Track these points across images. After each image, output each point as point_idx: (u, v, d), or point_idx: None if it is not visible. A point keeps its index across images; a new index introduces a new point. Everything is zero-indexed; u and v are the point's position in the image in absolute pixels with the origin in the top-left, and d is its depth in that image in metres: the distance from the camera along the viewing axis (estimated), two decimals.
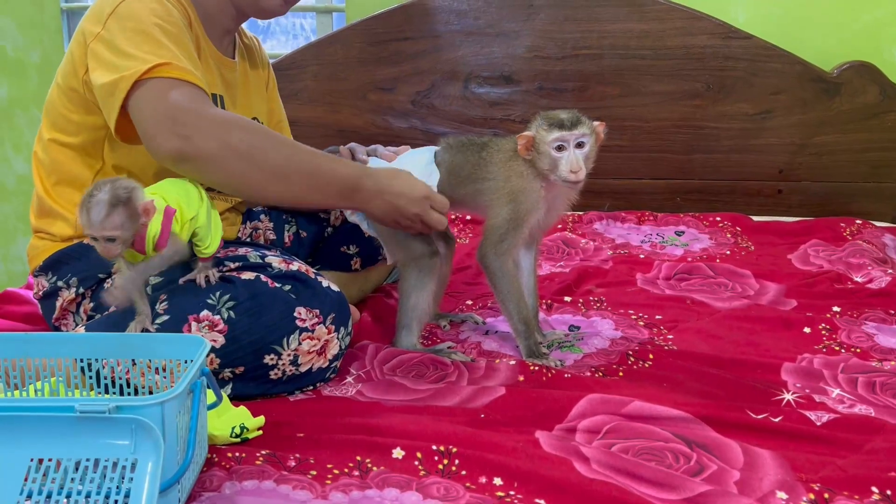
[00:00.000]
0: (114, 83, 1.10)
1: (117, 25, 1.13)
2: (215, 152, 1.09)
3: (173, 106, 1.07)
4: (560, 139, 1.17)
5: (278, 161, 1.13)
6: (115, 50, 1.12)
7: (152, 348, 0.94)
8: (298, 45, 2.22)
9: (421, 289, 1.26)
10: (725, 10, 2.11)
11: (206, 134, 1.08)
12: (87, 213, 0.98)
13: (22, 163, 2.37)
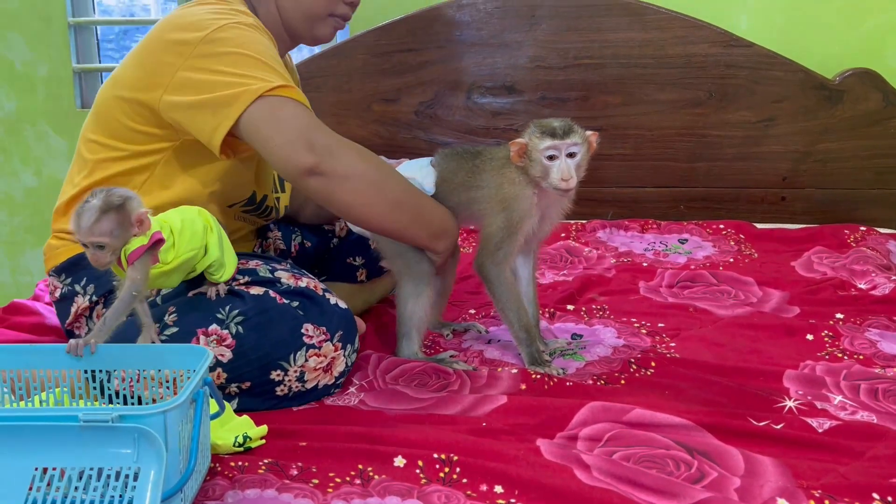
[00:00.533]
0: (233, 96, 1.11)
1: (219, 51, 1.15)
2: (350, 174, 1.14)
3: (310, 124, 1.13)
4: (552, 147, 1.18)
5: (397, 193, 1.20)
6: (219, 73, 1.14)
7: (157, 359, 0.95)
8: (304, 57, 2.23)
9: (417, 296, 1.27)
10: (727, 19, 2.11)
11: (343, 155, 1.14)
12: (78, 218, 0.95)
13: (30, 176, 2.39)
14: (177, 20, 1.22)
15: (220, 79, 1.14)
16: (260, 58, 1.15)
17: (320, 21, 1.32)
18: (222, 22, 1.17)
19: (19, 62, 2.32)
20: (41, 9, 2.28)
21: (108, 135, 1.25)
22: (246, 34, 1.18)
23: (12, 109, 2.35)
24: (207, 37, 1.15)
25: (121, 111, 1.23)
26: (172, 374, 0.95)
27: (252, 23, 1.23)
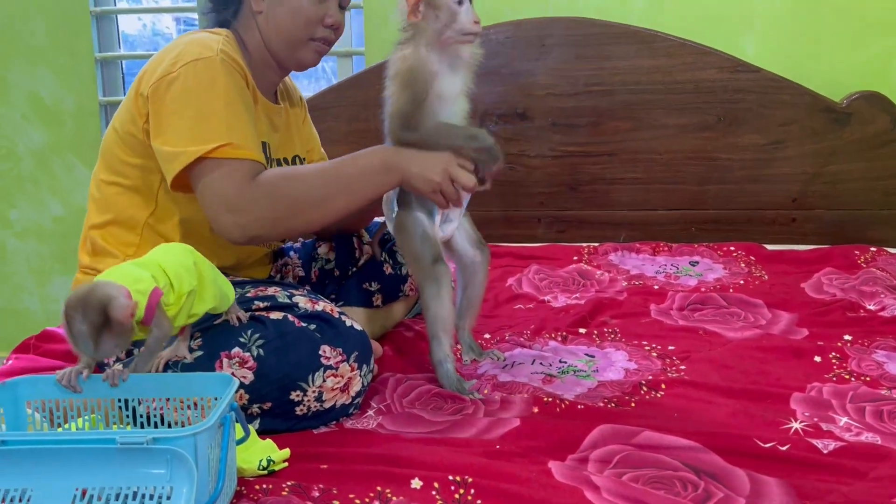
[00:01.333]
0: (174, 154, 1.21)
1: (180, 89, 1.22)
2: (269, 224, 1.23)
3: (225, 191, 1.20)
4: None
5: (319, 193, 1.25)
6: (176, 115, 1.22)
7: (185, 386, 1.00)
8: (321, 88, 2.30)
9: (437, 297, 1.29)
10: (735, 45, 2.16)
11: (257, 212, 1.21)
12: (77, 347, 0.92)
13: (58, 205, 2.47)
14: (160, 52, 1.30)
15: (172, 120, 1.22)
16: (216, 106, 1.22)
17: (302, 46, 1.37)
18: (191, 57, 1.24)
19: (48, 96, 2.41)
20: (69, 44, 2.38)
21: (111, 171, 1.34)
22: (212, 73, 1.23)
23: (41, 141, 2.44)
24: (173, 73, 1.23)
25: (117, 145, 1.33)
26: (199, 400, 1.00)
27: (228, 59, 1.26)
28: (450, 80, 1.24)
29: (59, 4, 2.34)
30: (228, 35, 1.35)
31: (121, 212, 1.33)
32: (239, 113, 1.25)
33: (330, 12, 1.35)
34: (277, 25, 1.35)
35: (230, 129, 1.22)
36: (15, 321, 2.56)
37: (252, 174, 1.22)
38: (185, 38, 1.31)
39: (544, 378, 1.34)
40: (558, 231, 2.26)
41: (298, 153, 1.52)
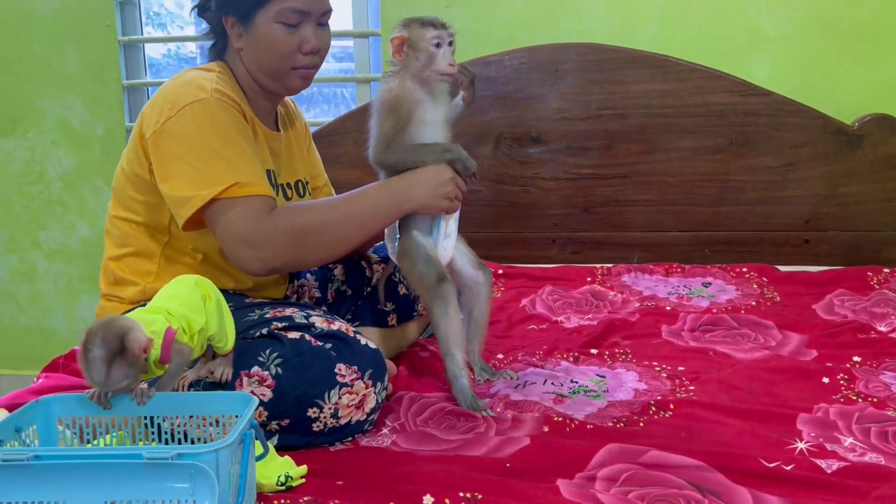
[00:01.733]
0: (184, 199, 1.26)
1: (181, 134, 1.27)
2: (287, 258, 1.29)
3: (242, 228, 1.25)
4: (437, 37, 1.29)
5: (334, 228, 1.31)
6: (179, 160, 1.27)
7: (207, 405, 1.04)
8: (340, 113, 2.36)
9: (445, 315, 1.35)
10: (746, 69, 2.19)
11: (275, 246, 1.27)
12: (89, 373, 0.95)
13: (86, 227, 2.55)
14: (156, 95, 1.35)
15: (176, 166, 1.27)
16: (217, 147, 1.27)
17: (285, 76, 1.41)
18: (187, 100, 1.28)
19: (77, 122, 2.49)
20: (98, 72, 2.46)
21: (123, 207, 1.40)
22: (209, 115, 1.28)
23: (70, 166, 2.52)
24: (173, 117, 1.28)
25: (126, 184, 1.38)
26: (221, 418, 1.04)
27: (223, 98, 1.31)
28: (431, 108, 1.35)
29: (90, 34, 2.43)
30: (222, 70, 1.40)
31: (136, 245, 1.39)
32: (241, 149, 1.29)
33: (306, 38, 1.37)
34: (257, 61, 1.39)
35: (236, 168, 1.27)
36: (43, 340, 2.63)
37: (266, 209, 1.27)
38: (180, 79, 1.35)
39: (555, 398, 1.37)
40: (572, 252, 2.29)
41: (301, 177, 1.56)
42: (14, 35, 2.45)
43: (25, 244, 2.59)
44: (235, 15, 1.37)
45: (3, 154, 2.53)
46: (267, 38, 1.36)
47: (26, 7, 2.43)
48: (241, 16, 1.36)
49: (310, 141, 1.67)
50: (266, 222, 1.27)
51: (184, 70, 1.40)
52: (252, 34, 1.37)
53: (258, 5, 1.34)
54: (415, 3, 2.28)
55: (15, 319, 2.64)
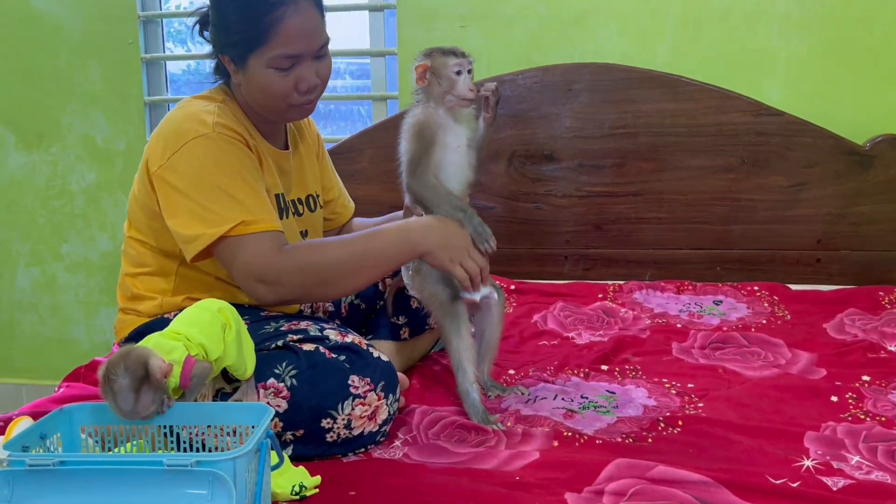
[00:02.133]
0: (191, 237, 1.29)
1: (185, 170, 1.30)
2: (300, 294, 1.34)
3: (255, 266, 1.28)
4: (458, 64, 1.36)
5: (346, 266, 1.33)
6: (185, 198, 1.30)
7: (224, 415, 1.07)
8: (357, 130, 2.40)
9: (457, 332, 1.39)
10: (758, 89, 2.21)
11: (289, 284, 1.29)
12: (116, 403, 0.98)
13: (106, 241, 2.60)
14: (160, 127, 1.38)
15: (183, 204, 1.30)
16: (222, 184, 1.29)
17: (283, 112, 1.43)
18: (189, 136, 1.31)
19: (100, 138, 2.55)
20: (120, 89, 2.52)
21: (138, 231, 1.44)
22: (212, 151, 1.31)
23: (93, 180, 2.57)
24: (177, 153, 1.31)
25: (139, 211, 1.42)
26: (238, 428, 1.07)
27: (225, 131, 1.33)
28: (454, 132, 1.40)
29: (114, 51, 2.49)
30: (225, 97, 1.42)
31: (152, 265, 1.44)
32: (246, 185, 1.32)
33: (301, 78, 1.37)
34: (254, 100, 1.41)
35: (242, 206, 1.29)
36: (63, 351, 2.68)
37: (277, 245, 1.30)
38: (182, 112, 1.37)
39: (565, 413, 1.39)
40: (584, 269, 2.31)
41: (312, 192, 1.59)
42: (40, 51, 2.52)
43: (47, 256, 2.64)
44: (229, 56, 1.39)
45: (28, 168, 2.59)
46: (261, 83, 1.37)
47: (53, 24, 2.50)
48: (234, 58, 1.38)
49: (322, 151, 1.70)
50: (278, 259, 1.29)
51: (187, 100, 1.43)
52: (247, 76, 1.38)
53: (249, 51, 1.35)
54: (431, 23, 2.33)
55: (36, 330, 2.70)
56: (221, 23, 1.38)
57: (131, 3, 2.46)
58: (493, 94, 1.40)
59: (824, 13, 2.17)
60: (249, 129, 1.43)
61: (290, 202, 1.51)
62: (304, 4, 1.35)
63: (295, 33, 1.34)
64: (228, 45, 1.38)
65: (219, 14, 1.39)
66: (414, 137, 1.39)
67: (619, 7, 2.25)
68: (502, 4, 2.29)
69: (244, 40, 1.35)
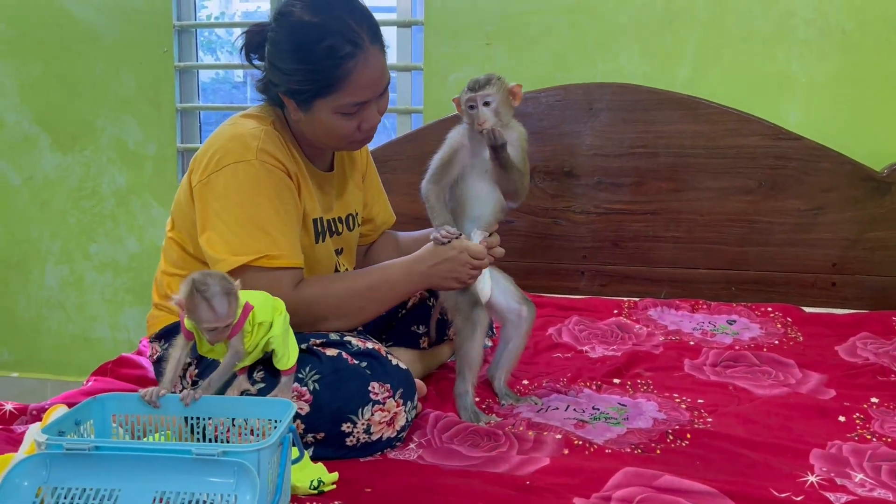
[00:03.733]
0: (216, 259, 1.34)
1: (221, 191, 1.35)
2: (309, 326, 1.38)
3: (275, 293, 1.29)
4: (470, 100, 1.42)
5: (353, 302, 1.41)
6: (217, 218, 1.35)
7: (247, 409, 1.12)
8: (382, 142, 2.46)
9: (470, 338, 1.45)
10: (777, 113, 2.24)
11: (299, 317, 1.31)
12: (210, 308, 1.07)
13: (134, 242, 2.67)
14: (207, 142, 1.42)
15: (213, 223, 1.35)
16: (254, 214, 1.34)
17: (342, 147, 1.47)
18: (231, 159, 1.35)
19: (132, 142, 2.63)
20: (154, 96, 2.60)
21: (178, 232, 1.48)
22: (251, 178, 1.34)
23: (123, 183, 2.65)
24: (217, 172, 1.35)
25: (182, 214, 1.46)
26: (260, 423, 1.12)
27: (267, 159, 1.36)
28: (475, 154, 1.45)
29: (149, 59, 2.57)
30: (274, 122, 1.44)
31: (188, 268, 1.45)
32: (278, 217, 1.35)
33: (365, 119, 1.40)
34: (314, 135, 1.43)
35: (269, 238, 1.33)
36: (88, 348, 2.75)
37: (293, 281, 1.36)
38: (230, 131, 1.40)
39: (576, 423, 1.43)
40: (601, 285, 2.34)
41: (352, 211, 1.63)
42: (77, 58, 2.61)
43: (77, 256, 2.72)
44: (294, 100, 1.39)
45: (62, 170, 2.67)
46: (325, 125, 1.39)
47: (91, 32, 2.59)
48: (299, 102, 1.38)
49: (370, 170, 1.73)
50: (292, 296, 1.32)
51: (237, 118, 1.45)
52: (310, 118, 1.39)
53: (316, 97, 1.36)
54: (456, 39, 2.39)
55: (62, 327, 2.77)
56: (287, 68, 1.36)
57: (167, 13, 2.55)
58: (488, 137, 1.38)
59: (844, 39, 2.20)
60: (295, 153, 1.45)
61: (328, 221, 1.54)
62: (372, 52, 1.36)
63: (366, 83, 1.36)
64: (293, 89, 1.37)
65: (283, 59, 1.37)
66: (443, 148, 1.48)
67: (641, 29, 2.29)
68: (528, 24, 2.35)
69: (312, 89, 1.35)
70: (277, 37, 1.38)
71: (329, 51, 1.33)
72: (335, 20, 1.35)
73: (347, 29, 1.34)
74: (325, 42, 1.33)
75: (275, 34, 1.39)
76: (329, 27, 1.34)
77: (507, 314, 1.56)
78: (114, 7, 2.56)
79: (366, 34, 1.36)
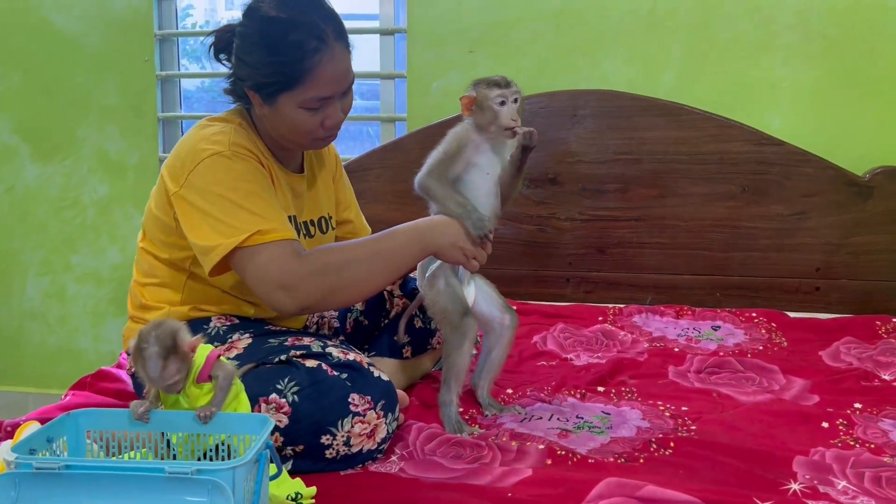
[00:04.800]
0: (210, 248, 1.32)
1: (201, 186, 1.34)
2: (320, 297, 1.34)
3: (277, 269, 1.31)
4: (501, 95, 1.39)
5: (362, 266, 1.35)
6: (203, 213, 1.33)
7: (226, 425, 1.10)
8: (366, 150, 2.45)
9: (458, 348, 1.43)
10: (760, 119, 2.25)
11: (308, 287, 1.32)
12: (145, 370, 1.05)
13: (116, 253, 2.65)
14: (177, 148, 1.42)
15: (201, 218, 1.33)
16: (237, 199, 1.32)
17: (305, 145, 1.47)
18: (205, 154, 1.35)
19: (114, 151, 2.61)
20: (136, 104, 2.58)
21: (150, 243, 1.48)
22: (227, 168, 1.34)
23: (104, 193, 2.63)
24: (193, 171, 1.34)
25: (153, 225, 1.46)
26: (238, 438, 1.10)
27: (239, 150, 1.36)
28: (486, 155, 1.44)
29: (130, 69, 2.55)
30: (241, 122, 1.45)
31: (161, 277, 1.47)
32: (260, 197, 1.35)
33: (329, 115, 1.40)
34: (277, 131, 1.44)
35: (256, 217, 1.32)
36: (70, 360, 2.71)
37: (294, 251, 1.33)
38: (199, 134, 1.40)
39: (560, 432, 1.42)
40: (586, 291, 2.34)
41: (325, 213, 1.62)
42: (58, 67, 2.58)
43: (58, 267, 2.69)
44: (258, 92, 1.40)
45: (43, 179, 2.65)
46: (289, 120, 1.40)
47: (72, 41, 2.57)
48: (263, 95, 1.39)
49: (340, 172, 1.72)
50: (297, 264, 1.32)
51: (203, 122, 1.46)
52: (274, 112, 1.40)
53: (280, 91, 1.37)
54: (440, 47, 2.38)
55: (44, 339, 2.74)
56: (253, 61, 1.38)
57: (149, 22, 2.53)
58: (523, 137, 1.40)
59: (827, 46, 2.21)
60: (264, 152, 1.46)
61: (301, 223, 1.54)
62: (338, 49, 1.38)
63: (330, 78, 1.37)
64: (259, 83, 1.39)
65: (250, 52, 1.38)
66: (448, 142, 1.43)
67: (625, 36, 2.30)
68: (511, 31, 2.35)
69: (277, 82, 1.37)
70: (246, 31, 1.40)
71: (295, 45, 1.35)
72: (302, 16, 1.37)
73: (314, 25, 1.36)
74: (292, 36, 1.35)
75: (243, 28, 1.40)
76: (296, 22, 1.36)
77: (491, 322, 1.55)
78: (95, 16, 2.55)
79: (331, 31, 1.38)
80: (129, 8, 2.53)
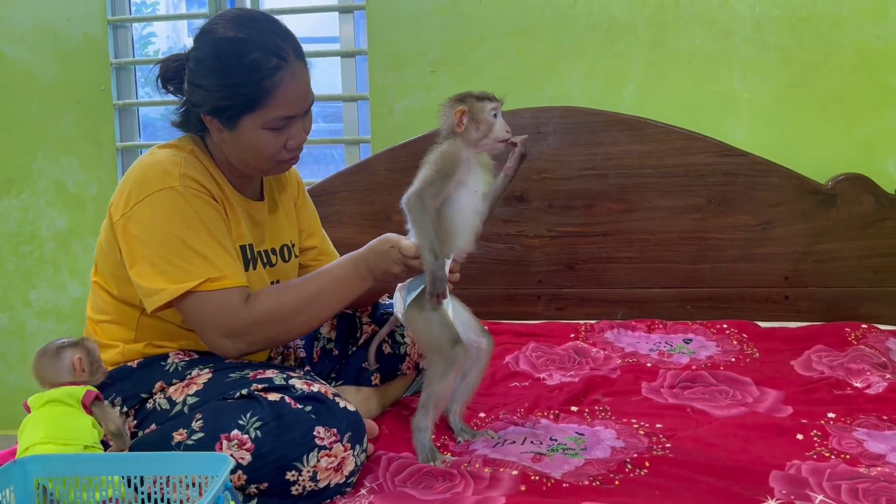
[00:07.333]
0: (153, 290, 1.30)
1: (148, 221, 1.31)
2: (265, 344, 1.40)
3: (220, 321, 1.31)
4: (494, 108, 1.41)
5: (305, 307, 1.37)
6: (148, 250, 1.31)
7: (184, 465, 1.06)
8: (330, 173, 2.42)
9: (443, 377, 1.39)
10: (723, 131, 2.26)
11: (254, 336, 1.34)
12: None
13: (76, 286, 2.58)
14: (126, 176, 1.38)
15: (145, 257, 1.31)
16: (188, 239, 1.31)
17: (267, 169, 1.44)
18: (154, 188, 1.32)
19: (72, 183, 2.55)
20: (93, 135, 2.53)
21: (102, 278, 1.44)
22: (177, 205, 1.31)
23: (63, 226, 2.56)
24: (141, 203, 1.32)
25: (104, 260, 1.42)
26: (198, 479, 1.05)
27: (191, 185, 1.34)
28: (474, 175, 1.42)
29: (87, 98, 2.51)
30: (193, 150, 1.41)
31: (114, 314, 1.43)
32: (213, 239, 1.33)
33: (292, 136, 1.38)
34: (238, 156, 1.40)
35: (207, 262, 1.30)
36: None
37: (241, 300, 1.32)
38: (148, 160, 1.37)
39: (534, 456, 1.39)
40: (557, 308, 2.32)
41: (287, 241, 1.58)
42: (12, 99, 2.53)
43: (17, 303, 2.61)
44: (218, 118, 1.36)
45: None
46: (253, 143, 1.37)
47: (26, 72, 2.51)
48: (223, 119, 1.36)
49: (302, 198, 1.67)
50: (242, 313, 1.31)
51: (154, 149, 1.42)
52: (236, 136, 1.37)
53: (243, 112, 1.34)
54: (402, 69, 2.37)
55: (3, 378, 2.66)
56: (210, 84, 1.34)
57: (104, 51, 2.49)
58: (522, 145, 1.41)
59: (784, 57, 2.23)
60: (220, 180, 1.42)
61: (259, 253, 1.50)
62: (298, 66, 1.36)
63: (293, 96, 1.35)
64: (217, 107, 1.35)
65: (206, 76, 1.34)
66: (435, 162, 1.39)
67: (585, 52, 2.30)
68: (472, 51, 2.34)
69: (239, 104, 1.33)
70: (200, 54, 1.36)
71: (254, 64, 1.32)
72: (259, 34, 1.34)
73: (272, 44, 1.34)
74: (251, 56, 1.32)
75: (197, 52, 1.37)
76: (254, 41, 1.33)
77: (468, 347, 1.50)
78: (49, 46, 2.50)
79: (290, 50, 1.35)
80: (84, 37, 2.49)
